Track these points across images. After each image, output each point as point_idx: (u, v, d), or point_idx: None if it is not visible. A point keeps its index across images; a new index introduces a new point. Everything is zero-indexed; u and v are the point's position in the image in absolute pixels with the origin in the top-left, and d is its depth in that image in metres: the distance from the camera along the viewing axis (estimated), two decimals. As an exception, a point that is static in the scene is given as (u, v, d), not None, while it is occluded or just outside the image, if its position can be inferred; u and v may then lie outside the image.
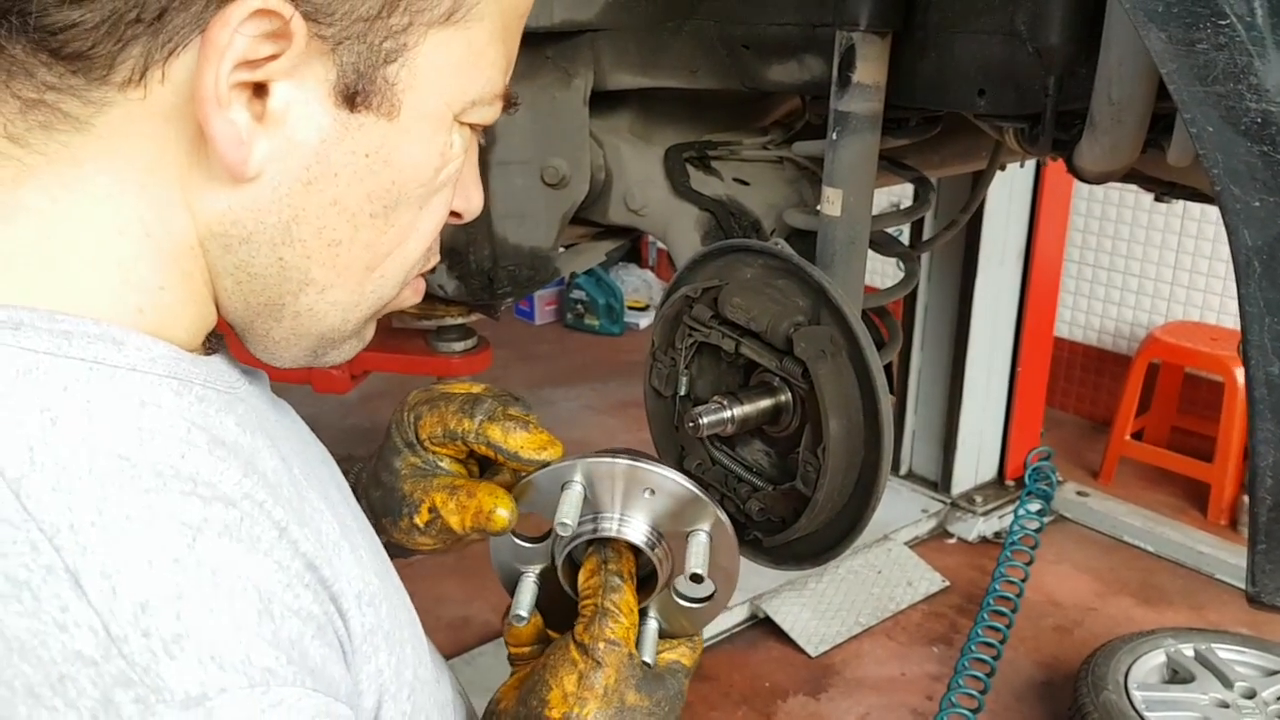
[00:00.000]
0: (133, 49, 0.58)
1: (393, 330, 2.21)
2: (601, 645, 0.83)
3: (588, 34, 1.37)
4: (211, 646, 0.52)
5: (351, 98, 0.62)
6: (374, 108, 0.63)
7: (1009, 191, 3.66)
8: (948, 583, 3.57)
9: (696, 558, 0.87)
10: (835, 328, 1.00)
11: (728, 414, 1.03)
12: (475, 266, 1.42)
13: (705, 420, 1.02)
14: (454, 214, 0.75)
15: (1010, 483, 4.07)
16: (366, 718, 0.66)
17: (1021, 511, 3.89)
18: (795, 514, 1.03)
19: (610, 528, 0.89)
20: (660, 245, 6.39)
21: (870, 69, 1.13)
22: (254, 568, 0.57)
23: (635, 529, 0.89)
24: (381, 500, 0.91)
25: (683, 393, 1.12)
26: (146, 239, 0.62)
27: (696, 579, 0.87)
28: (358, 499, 0.90)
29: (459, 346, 2.12)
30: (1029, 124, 1.12)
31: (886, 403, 0.97)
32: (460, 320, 2.02)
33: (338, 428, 4.20)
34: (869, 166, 1.16)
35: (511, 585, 0.94)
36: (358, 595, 0.66)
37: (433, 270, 0.79)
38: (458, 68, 0.67)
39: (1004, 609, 3.37)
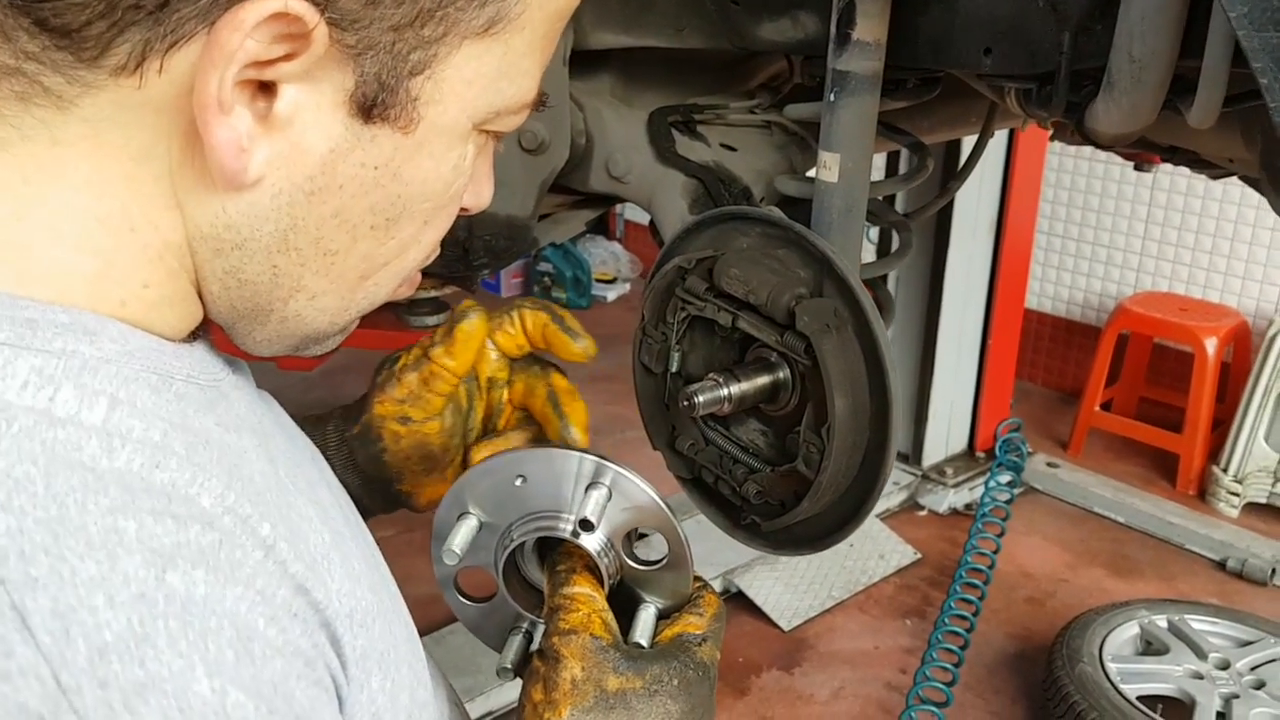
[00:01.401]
0: (130, 35, 0.52)
1: None
2: (555, 640, 0.75)
3: (567, -11, 1.30)
4: (180, 698, 0.46)
5: (369, 109, 0.57)
6: (391, 120, 0.58)
7: (981, 162, 3.62)
8: (919, 555, 3.55)
9: (586, 506, 0.78)
10: (839, 300, 0.94)
11: (724, 392, 0.97)
12: (450, 238, 1.34)
13: (701, 399, 0.96)
14: (461, 209, 0.70)
15: (981, 454, 4.06)
16: None
17: (992, 483, 3.88)
18: (796, 497, 0.98)
19: (515, 536, 0.82)
20: (628, 217, 6.32)
21: (871, 25, 1.07)
22: (233, 601, 0.50)
23: (536, 524, 0.82)
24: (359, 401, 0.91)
25: (674, 369, 1.06)
26: (130, 233, 0.57)
27: (586, 525, 0.78)
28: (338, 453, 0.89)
29: (432, 320, 2.04)
30: (1037, 84, 1.07)
31: (894, 380, 0.92)
32: (434, 293, 1.94)
33: (300, 401, 4.10)
34: (868, 130, 1.10)
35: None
36: (350, 615, 0.60)
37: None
38: (490, 80, 0.61)
39: (976, 581, 3.36)
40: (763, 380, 0.99)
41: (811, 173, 1.37)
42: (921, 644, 3.11)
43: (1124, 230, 4.46)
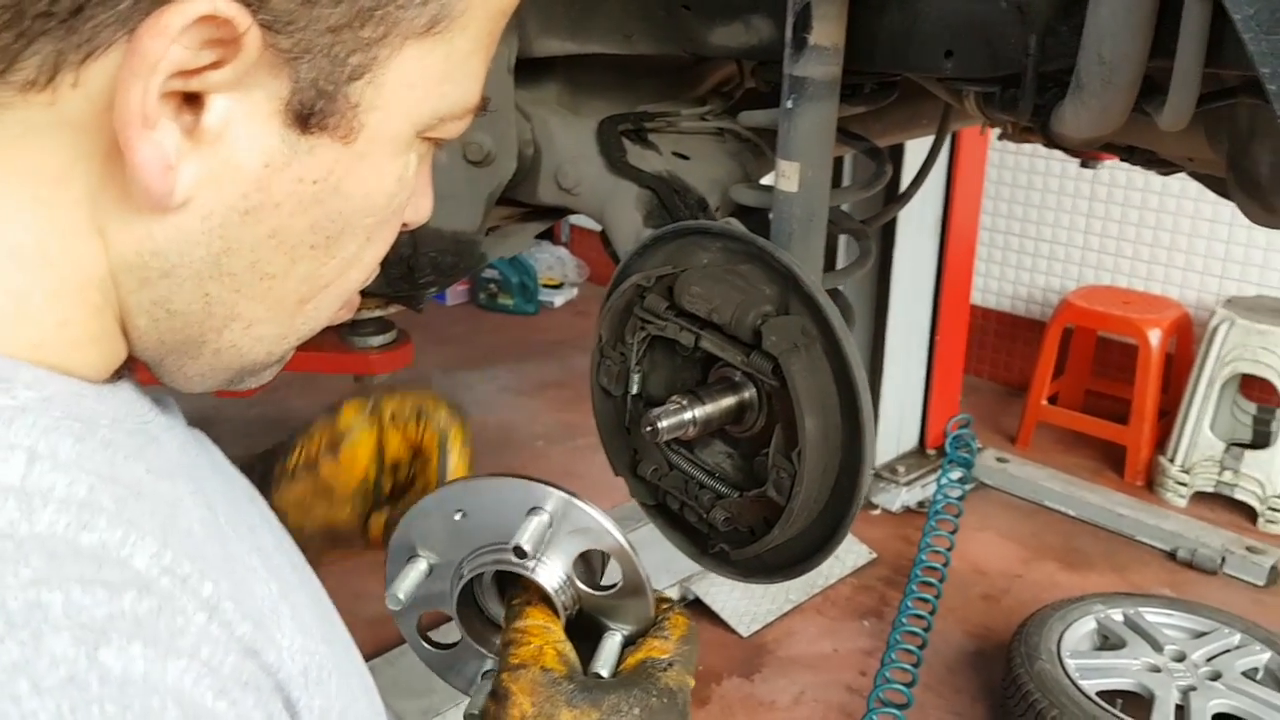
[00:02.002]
0: (40, 45, 0.48)
1: None
2: (504, 676, 0.70)
3: (510, -5, 1.25)
4: None
5: (306, 118, 0.52)
6: (330, 129, 0.53)
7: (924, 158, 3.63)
8: (875, 554, 3.54)
9: (523, 534, 0.73)
10: (806, 317, 0.90)
11: (688, 415, 0.93)
12: (394, 255, 1.29)
13: (664, 424, 0.92)
14: (401, 224, 0.65)
15: (931, 451, 4.06)
16: None
17: (944, 480, 3.88)
18: (766, 523, 0.94)
19: (465, 573, 0.78)
20: (574, 222, 6.27)
21: (828, 29, 1.03)
22: (176, 676, 0.45)
23: (481, 559, 0.77)
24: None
25: (634, 391, 1.02)
26: (45, 267, 0.52)
27: (520, 553, 0.73)
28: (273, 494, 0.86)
29: (376, 341, 1.96)
30: (1000, 87, 1.04)
31: (866, 398, 0.88)
32: (378, 313, 1.87)
33: (241, 419, 4.00)
34: (827, 136, 1.07)
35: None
36: (304, 673, 0.54)
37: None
38: (433, 83, 0.56)
39: (932, 579, 3.36)
40: (728, 401, 0.95)
41: (766, 180, 1.33)
42: (880, 644, 3.10)
43: (1066, 225, 4.50)
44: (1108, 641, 2.78)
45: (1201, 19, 0.80)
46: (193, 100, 0.50)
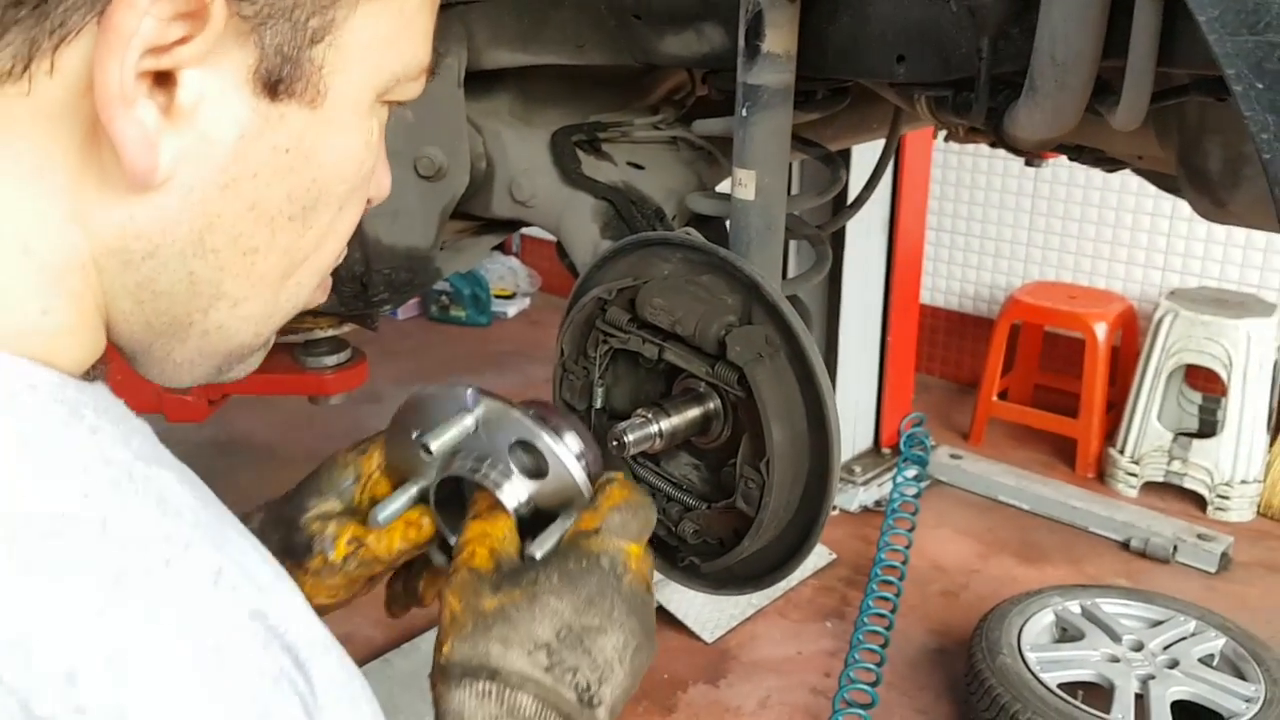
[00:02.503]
0: (12, 36, 0.49)
1: None
2: (442, 588, 0.74)
3: (459, 6, 1.23)
4: (165, 718, 0.44)
5: (274, 85, 0.54)
6: (297, 95, 0.55)
7: (871, 162, 3.65)
8: (835, 555, 3.56)
9: (431, 435, 0.78)
10: (770, 326, 0.90)
11: (654, 428, 0.92)
12: (346, 272, 1.27)
13: (631, 438, 0.91)
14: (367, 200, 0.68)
15: (886, 450, 4.09)
16: None
17: (900, 479, 3.91)
18: (735, 534, 0.93)
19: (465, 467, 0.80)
20: (525, 231, 6.24)
21: (780, 36, 1.03)
22: (195, 614, 0.48)
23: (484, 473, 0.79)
24: (281, 542, 0.82)
25: (598, 405, 1.01)
26: (25, 256, 0.53)
27: (426, 450, 0.78)
28: None
29: (331, 361, 1.92)
30: (952, 91, 1.04)
31: (833, 405, 0.88)
32: (331, 332, 1.84)
33: (192, 441, 3.93)
34: (783, 144, 1.07)
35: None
36: (309, 644, 0.55)
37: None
38: (387, 42, 0.58)
39: (891, 578, 3.38)
40: (693, 413, 0.95)
41: (721, 188, 1.33)
42: (843, 645, 3.11)
43: (1010, 223, 4.56)
44: (1066, 633, 2.81)
45: (1153, 19, 0.81)
46: (164, 80, 0.51)
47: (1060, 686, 2.53)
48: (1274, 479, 3.70)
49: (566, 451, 0.78)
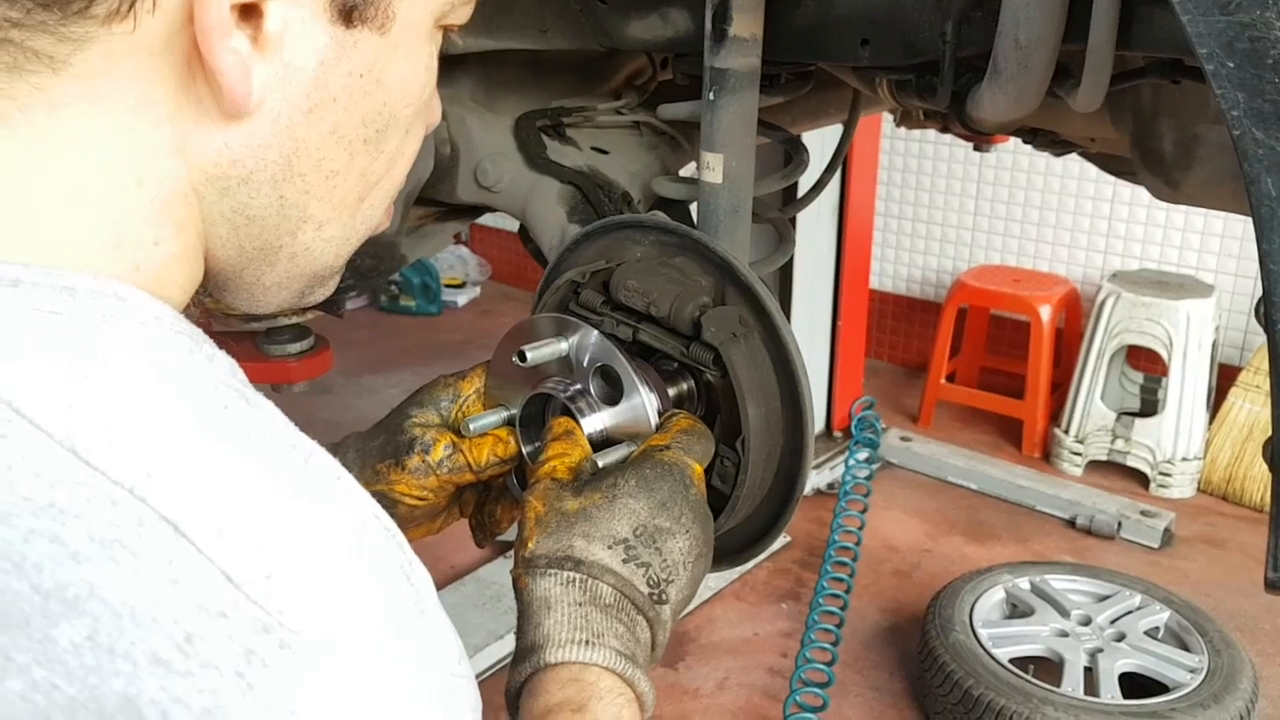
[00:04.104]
0: None
1: (214, 334, 1.94)
2: (525, 494, 0.83)
3: (421, -8, 1.23)
4: (335, 586, 0.48)
5: (349, 13, 0.58)
6: (369, 21, 0.59)
7: (820, 147, 3.68)
8: (789, 538, 3.60)
9: (530, 349, 0.88)
10: (744, 306, 0.91)
11: (630, 409, 0.93)
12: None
13: (607, 418, 0.92)
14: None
15: (838, 434, 4.14)
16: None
17: (851, 461, 3.94)
18: (711, 512, 0.94)
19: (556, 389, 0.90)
20: (476, 220, 6.19)
21: (747, 21, 1.04)
22: (341, 504, 0.53)
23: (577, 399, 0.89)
24: (383, 445, 0.93)
25: (573, 387, 1.01)
26: (138, 188, 0.56)
27: (521, 357, 0.88)
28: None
29: (295, 348, 1.90)
30: (914, 75, 1.06)
31: (806, 383, 0.89)
32: (295, 319, 1.83)
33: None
34: (749, 127, 1.08)
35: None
36: (409, 546, 0.59)
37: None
38: None
39: (845, 559, 3.41)
40: (668, 393, 0.95)
41: (684, 172, 1.34)
42: (799, 626, 3.14)
43: (956, 208, 4.62)
44: (1017, 610, 2.87)
45: (1113, 3, 0.83)
46: (250, 13, 0.54)
47: (1012, 661, 2.59)
48: (1213, 456, 3.80)
49: (646, 390, 0.87)
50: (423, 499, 0.92)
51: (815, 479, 3.91)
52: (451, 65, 1.32)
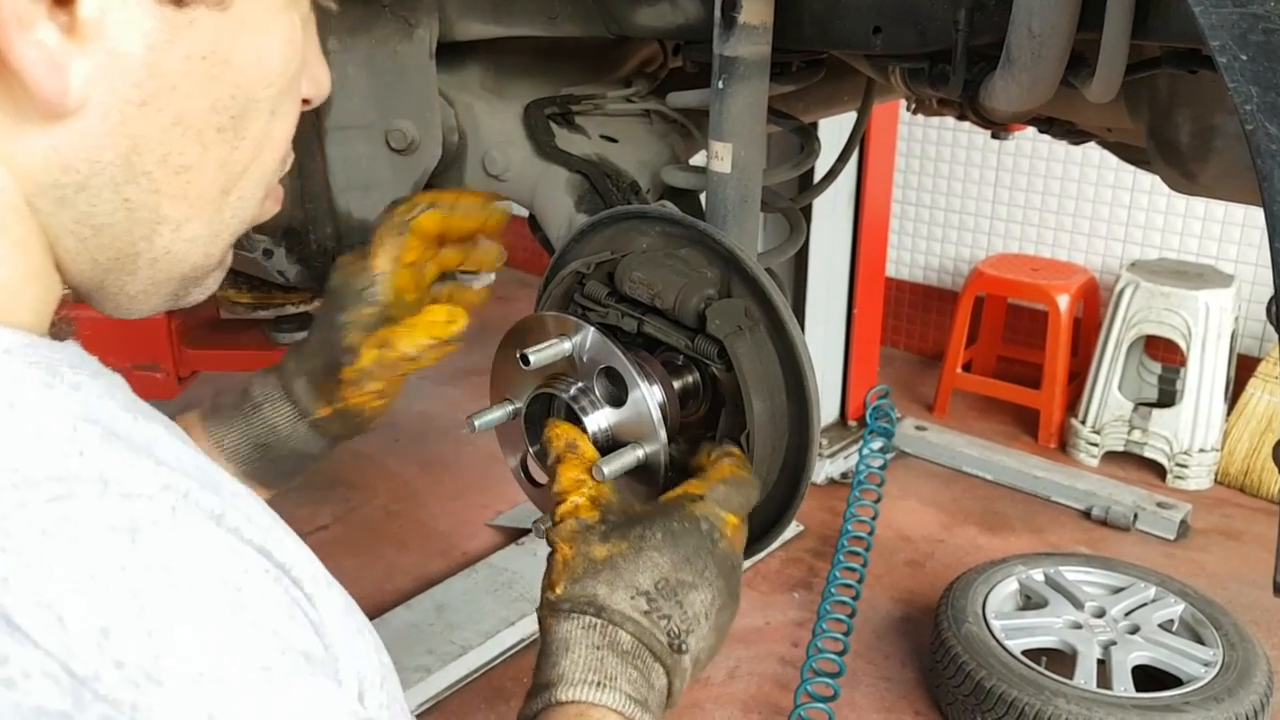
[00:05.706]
0: None
1: (222, 322, 1.96)
2: (550, 533, 0.83)
3: (430, -23, 1.22)
4: (199, 660, 0.44)
5: None
6: None
7: (837, 137, 3.65)
8: (802, 527, 3.59)
9: (534, 351, 0.89)
10: (750, 298, 0.90)
11: (634, 402, 0.92)
12: (318, 247, 1.26)
13: (610, 411, 0.91)
14: (303, 101, 0.65)
15: (853, 423, 4.12)
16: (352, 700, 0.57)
17: (866, 450, 3.94)
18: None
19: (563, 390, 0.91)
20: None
21: (757, 8, 1.03)
22: (210, 557, 0.48)
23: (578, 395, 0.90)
24: (326, 365, 0.95)
25: (577, 379, 1.00)
26: None
27: (524, 360, 0.89)
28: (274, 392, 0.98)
29: (301, 336, 1.90)
30: (928, 63, 1.04)
31: (812, 377, 0.88)
32: (304, 308, 1.82)
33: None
34: (759, 116, 1.07)
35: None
36: (313, 579, 0.56)
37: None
38: None
39: (858, 549, 3.41)
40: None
41: (694, 161, 1.33)
42: (811, 616, 3.14)
43: (974, 196, 4.59)
44: (1030, 601, 2.86)
45: (1128, -8, 0.81)
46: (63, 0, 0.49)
47: (1024, 653, 2.57)
48: (1231, 448, 3.77)
49: (647, 385, 0.89)
50: (381, 397, 0.96)
51: (829, 468, 3.90)
52: (460, 52, 1.31)
